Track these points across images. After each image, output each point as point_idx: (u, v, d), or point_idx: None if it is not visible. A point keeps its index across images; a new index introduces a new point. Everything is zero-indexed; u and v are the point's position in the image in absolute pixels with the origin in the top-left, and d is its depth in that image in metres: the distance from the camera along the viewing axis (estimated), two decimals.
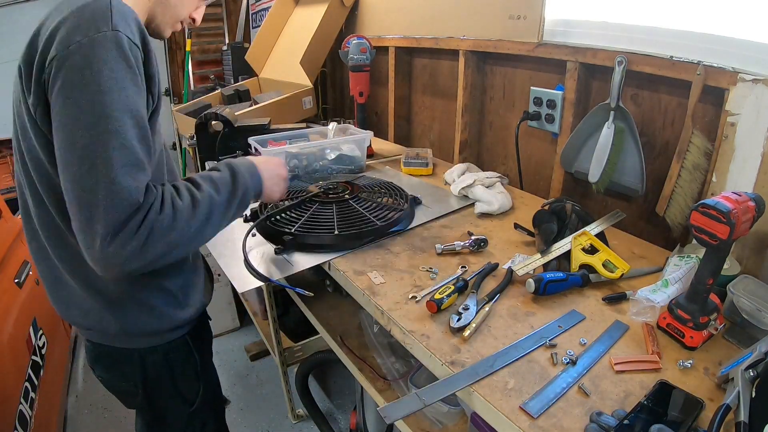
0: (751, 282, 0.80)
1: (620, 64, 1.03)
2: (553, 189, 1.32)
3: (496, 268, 0.92)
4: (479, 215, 1.17)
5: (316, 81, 2.10)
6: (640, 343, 0.72)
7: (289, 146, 1.40)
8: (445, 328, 0.75)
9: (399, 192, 1.19)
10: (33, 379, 1.46)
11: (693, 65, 0.93)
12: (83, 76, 0.62)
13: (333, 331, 1.25)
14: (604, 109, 1.10)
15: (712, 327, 0.72)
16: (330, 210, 1.07)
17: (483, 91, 1.54)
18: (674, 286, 0.81)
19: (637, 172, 1.08)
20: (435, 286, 0.86)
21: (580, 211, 1.00)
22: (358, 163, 1.48)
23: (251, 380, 2.19)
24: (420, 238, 1.06)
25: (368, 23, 1.97)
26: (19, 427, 1.28)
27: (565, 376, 0.65)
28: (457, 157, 1.61)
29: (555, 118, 1.28)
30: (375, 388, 1.06)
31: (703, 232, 0.66)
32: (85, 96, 0.62)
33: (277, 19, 2.37)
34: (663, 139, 1.08)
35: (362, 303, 0.87)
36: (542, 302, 0.82)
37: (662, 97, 1.07)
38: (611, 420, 0.57)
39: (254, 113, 1.88)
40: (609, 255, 0.89)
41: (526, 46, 1.27)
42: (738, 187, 0.88)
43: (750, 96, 0.85)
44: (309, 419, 1.93)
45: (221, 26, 3.29)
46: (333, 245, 0.99)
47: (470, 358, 0.69)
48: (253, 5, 3.05)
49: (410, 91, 1.90)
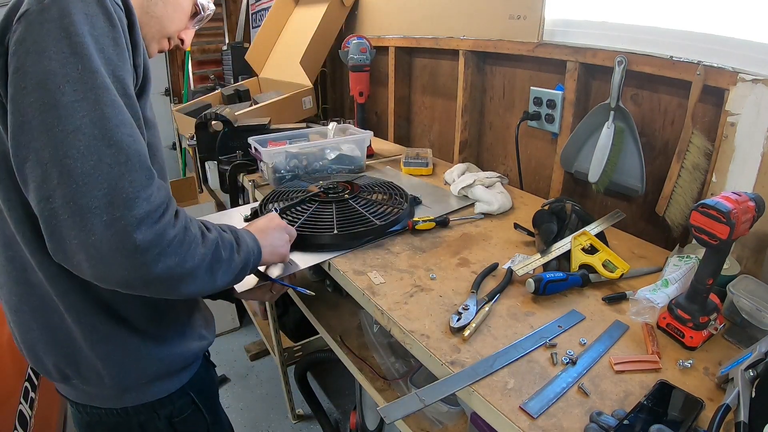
0: (751, 282, 0.80)
1: (620, 64, 1.03)
2: (553, 189, 1.32)
3: (496, 268, 0.92)
4: (479, 215, 1.17)
5: (316, 81, 2.10)
6: (639, 343, 0.72)
7: (289, 146, 1.40)
8: (444, 328, 0.75)
9: (399, 192, 1.19)
10: (33, 379, 1.46)
11: (693, 65, 0.93)
12: (62, 26, 0.53)
13: (333, 331, 1.25)
14: (604, 109, 1.10)
15: (712, 327, 0.72)
16: (329, 209, 1.07)
17: (483, 91, 1.54)
18: (674, 286, 0.81)
19: (637, 172, 1.08)
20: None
21: (580, 211, 1.00)
22: (358, 163, 1.48)
23: (251, 380, 2.19)
24: (420, 237, 1.06)
25: (368, 23, 1.97)
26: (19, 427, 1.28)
27: (565, 376, 0.65)
28: (457, 157, 1.61)
29: (555, 118, 1.28)
30: (375, 388, 1.06)
31: (703, 232, 0.66)
32: (67, 48, 0.53)
33: (277, 19, 2.37)
34: (663, 139, 1.08)
35: (362, 303, 0.87)
36: (542, 302, 0.82)
37: (662, 97, 1.07)
38: (611, 420, 0.57)
39: (254, 113, 1.88)
40: (609, 255, 0.89)
41: (526, 46, 1.27)
42: (738, 187, 0.88)
43: (750, 96, 0.85)
44: (309, 419, 1.93)
45: (221, 26, 3.29)
46: (332, 245, 0.99)
47: (470, 358, 0.69)
48: (253, 5, 3.05)
49: (410, 91, 1.90)
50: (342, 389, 2.07)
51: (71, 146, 0.52)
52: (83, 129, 0.53)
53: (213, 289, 0.67)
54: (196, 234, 0.63)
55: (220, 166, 1.55)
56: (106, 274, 0.55)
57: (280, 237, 0.85)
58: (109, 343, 0.71)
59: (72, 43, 0.53)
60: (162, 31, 0.77)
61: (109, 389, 0.74)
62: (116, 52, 0.57)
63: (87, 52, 0.54)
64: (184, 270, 0.60)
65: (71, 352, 0.72)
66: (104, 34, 0.56)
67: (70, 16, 0.53)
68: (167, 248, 0.57)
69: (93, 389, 0.75)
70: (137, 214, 0.54)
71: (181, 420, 0.82)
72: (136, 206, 0.54)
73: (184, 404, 0.82)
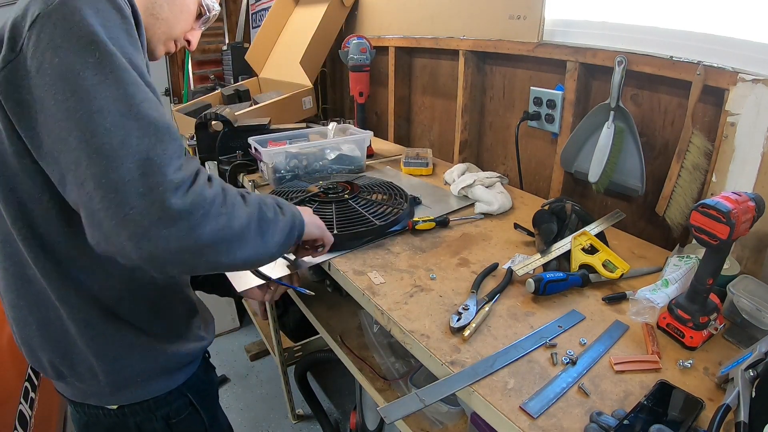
0: (751, 282, 0.80)
1: (620, 64, 1.03)
2: (553, 189, 1.32)
3: (496, 268, 0.92)
4: (479, 215, 1.17)
5: (316, 81, 2.10)
6: (639, 343, 0.72)
7: (289, 146, 1.40)
8: (444, 328, 0.75)
9: (398, 192, 1.19)
10: (33, 379, 1.46)
11: (693, 65, 0.93)
12: (74, 22, 0.53)
13: (333, 331, 1.25)
14: (604, 109, 1.10)
15: (712, 327, 0.71)
16: (329, 209, 1.07)
17: (483, 91, 1.54)
18: (674, 286, 0.81)
19: (637, 172, 1.08)
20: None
21: (580, 211, 1.00)
22: (358, 163, 1.48)
23: (251, 380, 2.19)
24: (420, 238, 1.06)
25: (368, 23, 1.97)
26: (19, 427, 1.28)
27: (565, 376, 0.65)
28: (457, 157, 1.61)
29: (555, 118, 1.28)
30: (375, 388, 1.06)
31: (703, 232, 0.66)
32: (81, 39, 0.53)
33: (277, 19, 2.37)
34: (663, 139, 1.08)
35: (362, 303, 0.87)
36: (542, 302, 0.82)
37: (662, 97, 1.07)
38: (611, 420, 0.57)
39: (254, 113, 1.88)
40: (609, 255, 0.89)
41: (526, 46, 1.27)
42: (738, 187, 0.88)
43: (750, 96, 0.85)
44: (309, 419, 1.93)
45: (221, 26, 3.29)
46: (332, 244, 0.99)
47: (470, 358, 0.69)
48: (253, 5, 3.04)
49: (410, 91, 1.90)
50: (342, 389, 2.07)
51: (97, 125, 0.51)
52: (108, 107, 0.52)
53: (267, 254, 0.66)
54: (236, 195, 0.61)
55: (221, 167, 1.55)
56: (154, 249, 0.52)
57: (317, 219, 0.84)
58: (104, 339, 0.71)
59: (86, 34, 0.53)
60: (168, 32, 0.76)
61: (104, 386, 0.74)
62: (129, 42, 0.57)
63: (101, 40, 0.54)
64: (234, 231, 0.58)
65: (66, 348, 0.72)
66: (116, 26, 0.56)
67: (80, 12, 0.53)
68: (210, 209, 0.55)
69: (88, 386, 0.75)
70: (173, 179, 0.52)
71: (179, 421, 0.81)
72: (169, 173, 0.52)
73: (181, 405, 0.82)
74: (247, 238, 0.61)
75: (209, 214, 0.55)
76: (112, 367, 0.72)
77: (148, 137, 0.53)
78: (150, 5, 0.72)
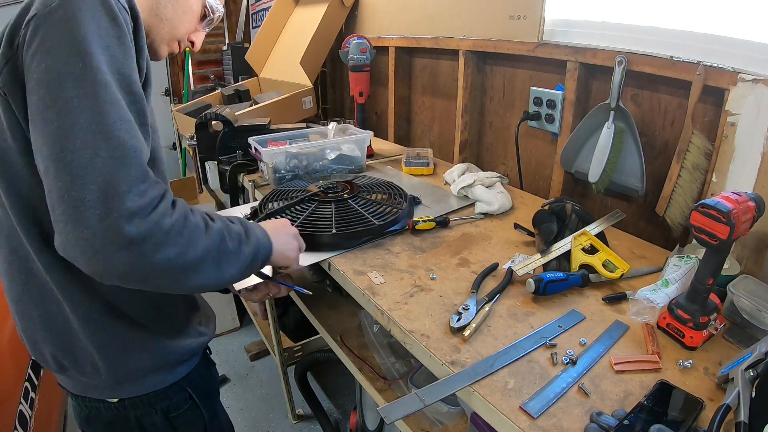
0: (751, 282, 0.80)
1: (620, 64, 1.03)
2: (553, 189, 1.32)
3: (496, 268, 0.92)
4: (479, 215, 1.17)
5: (316, 81, 2.10)
6: (640, 343, 0.72)
7: (289, 146, 1.40)
8: (445, 328, 0.75)
9: (398, 191, 1.19)
10: (33, 379, 1.46)
11: (693, 65, 0.93)
12: (67, 27, 0.54)
13: (333, 330, 1.25)
14: (604, 109, 1.10)
15: (712, 327, 0.72)
16: (329, 209, 1.07)
17: (483, 91, 1.54)
18: (674, 286, 0.81)
19: (637, 172, 1.08)
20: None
21: (580, 211, 1.00)
22: (358, 163, 1.48)
23: (251, 380, 2.19)
24: (420, 237, 1.06)
25: (368, 23, 1.97)
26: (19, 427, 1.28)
27: (565, 376, 0.65)
28: (457, 157, 1.61)
29: (555, 118, 1.28)
30: (375, 388, 1.06)
31: (703, 232, 0.66)
32: (70, 47, 0.54)
33: (277, 19, 2.37)
34: (663, 139, 1.08)
35: (362, 303, 0.87)
36: (542, 302, 0.82)
37: (662, 97, 1.07)
38: (611, 420, 0.57)
39: (254, 113, 1.88)
40: (609, 255, 0.89)
41: (526, 46, 1.27)
42: (738, 187, 0.88)
43: (750, 96, 0.85)
44: (309, 419, 1.93)
45: (221, 26, 3.29)
46: (330, 244, 0.99)
47: (470, 358, 0.69)
48: (253, 5, 3.05)
49: (410, 91, 1.90)
50: (342, 389, 2.07)
51: (69, 140, 0.53)
52: (81, 123, 0.53)
53: (220, 282, 0.66)
54: (198, 223, 0.62)
55: (221, 166, 1.55)
56: (103, 269, 0.54)
57: (291, 242, 0.82)
58: (105, 333, 0.72)
59: (75, 42, 0.54)
60: (172, 33, 0.77)
61: (105, 380, 0.75)
62: (121, 50, 0.58)
63: (89, 51, 0.55)
64: (186, 261, 0.59)
65: (68, 341, 0.73)
66: (109, 33, 0.57)
67: (75, 17, 0.55)
68: (165, 238, 0.56)
69: (89, 380, 0.76)
70: (129, 207, 0.54)
71: (178, 415, 0.82)
72: (128, 200, 0.54)
73: (181, 399, 0.82)
74: (200, 268, 0.61)
75: (162, 244, 0.56)
76: (113, 361, 0.74)
77: (114, 160, 0.54)
78: (154, 5, 0.73)
